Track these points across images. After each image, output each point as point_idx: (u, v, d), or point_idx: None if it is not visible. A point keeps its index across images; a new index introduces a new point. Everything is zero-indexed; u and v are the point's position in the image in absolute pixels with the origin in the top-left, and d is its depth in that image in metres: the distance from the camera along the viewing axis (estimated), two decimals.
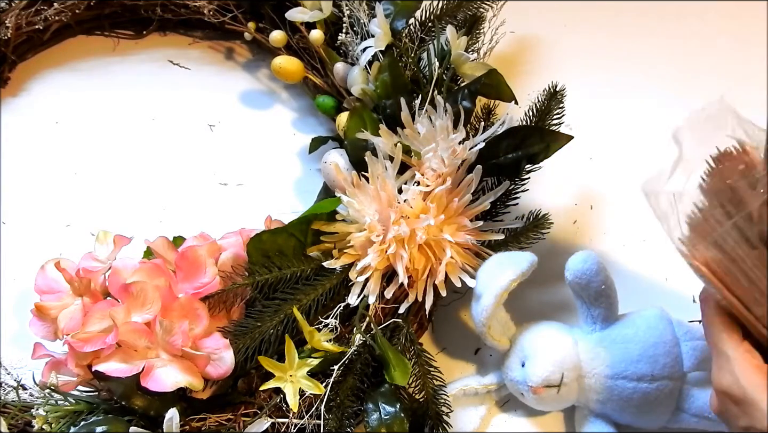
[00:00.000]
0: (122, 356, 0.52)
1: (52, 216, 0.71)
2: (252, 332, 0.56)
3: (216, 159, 0.75)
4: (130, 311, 0.53)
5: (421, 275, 0.59)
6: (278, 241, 0.59)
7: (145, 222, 0.70)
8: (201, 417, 0.55)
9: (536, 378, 0.57)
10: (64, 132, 0.76)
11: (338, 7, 0.71)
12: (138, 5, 0.77)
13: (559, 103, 0.64)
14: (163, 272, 0.55)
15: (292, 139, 0.76)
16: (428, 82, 0.65)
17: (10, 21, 0.72)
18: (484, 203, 0.61)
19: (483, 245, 0.61)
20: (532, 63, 0.82)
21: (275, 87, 0.80)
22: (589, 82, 0.79)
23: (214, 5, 0.75)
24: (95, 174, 0.73)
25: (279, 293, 0.58)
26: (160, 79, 0.79)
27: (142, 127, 0.76)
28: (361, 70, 0.68)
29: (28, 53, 0.79)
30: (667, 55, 0.82)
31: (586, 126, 0.70)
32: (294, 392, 0.54)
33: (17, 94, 0.77)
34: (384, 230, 0.58)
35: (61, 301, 0.56)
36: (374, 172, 0.59)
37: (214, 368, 0.53)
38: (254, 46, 0.81)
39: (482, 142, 0.61)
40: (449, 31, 0.65)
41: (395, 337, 0.59)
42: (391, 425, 0.55)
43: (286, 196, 0.73)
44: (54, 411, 0.53)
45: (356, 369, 0.57)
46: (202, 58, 0.81)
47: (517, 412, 0.62)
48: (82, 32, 0.80)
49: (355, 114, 0.65)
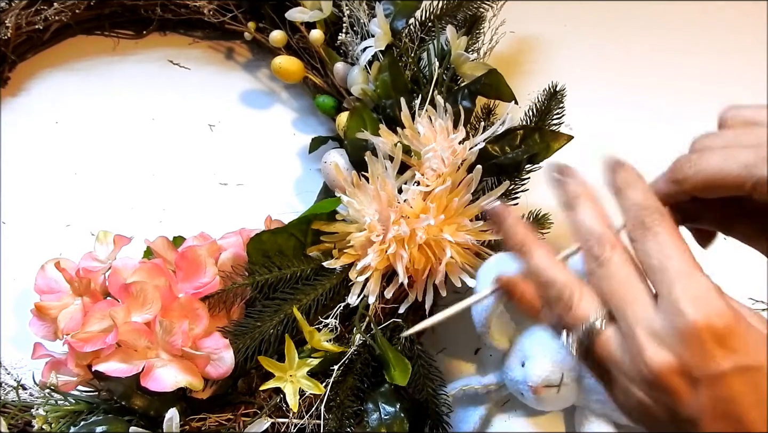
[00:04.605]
0: (122, 356, 0.52)
1: (52, 216, 0.71)
2: (252, 332, 0.56)
3: (216, 159, 0.75)
4: (130, 311, 0.53)
5: (421, 275, 0.59)
6: (278, 241, 0.59)
7: (145, 222, 0.70)
8: (201, 417, 0.55)
9: (536, 378, 0.57)
10: (64, 132, 0.76)
11: (338, 7, 0.71)
12: (138, 5, 0.77)
13: (559, 103, 0.64)
14: (163, 272, 0.55)
15: (292, 139, 0.76)
16: (428, 82, 0.65)
17: (10, 21, 0.72)
18: (484, 203, 0.61)
19: (483, 245, 0.61)
20: (532, 63, 0.82)
21: (275, 87, 0.80)
22: (590, 82, 0.79)
23: (214, 5, 0.75)
24: (95, 174, 0.73)
25: (279, 293, 0.57)
26: (160, 79, 0.79)
27: (142, 127, 0.76)
28: (361, 70, 0.68)
29: (28, 53, 0.79)
30: (667, 55, 0.82)
31: (586, 126, 0.70)
32: (294, 392, 0.54)
33: (17, 94, 0.77)
34: (384, 230, 0.58)
35: (61, 301, 0.56)
36: (374, 172, 0.59)
37: (214, 368, 0.53)
38: (254, 46, 0.81)
39: (482, 142, 0.61)
40: (449, 31, 0.65)
41: (395, 337, 0.59)
42: (391, 425, 0.55)
43: (286, 196, 0.73)
44: (54, 411, 0.53)
45: (356, 369, 0.57)
46: (202, 58, 0.81)
47: (517, 412, 0.62)
48: (82, 32, 0.80)
49: (355, 114, 0.65)
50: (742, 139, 0.35)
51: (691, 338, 0.32)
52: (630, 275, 0.36)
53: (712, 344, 0.32)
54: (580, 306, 0.36)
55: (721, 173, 0.34)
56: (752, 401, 0.32)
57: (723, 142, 0.36)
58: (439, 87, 0.65)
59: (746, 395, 0.32)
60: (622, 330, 0.35)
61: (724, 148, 0.35)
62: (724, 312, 0.32)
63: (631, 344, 0.34)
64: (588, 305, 0.36)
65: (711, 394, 0.32)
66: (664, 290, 0.34)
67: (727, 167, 0.34)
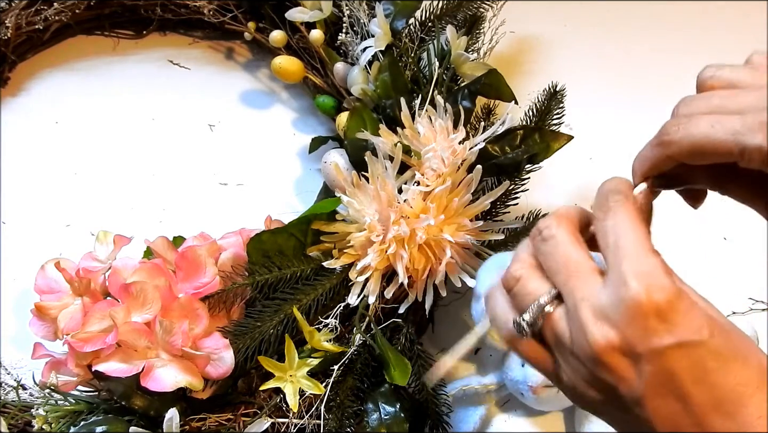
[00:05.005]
0: (122, 356, 0.52)
1: (52, 216, 0.71)
2: (252, 332, 0.56)
3: (216, 159, 0.75)
4: (130, 311, 0.53)
5: (421, 275, 0.59)
6: (278, 241, 0.59)
7: (145, 222, 0.70)
8: (201, 417, 0.55)
9: (536, 378, 0.57)
10: (64, 132, 0.76)
11: (338, 7, 0.71)
12: (138, 5, 0.77)
13: (559, 103, 0.64)
14: (163, 272, 0.54)
15: (292, 139, 0.76)
16: (428, 82, 0.65)
17: (10, 21, 0.72)
18: (484, 203, 0.61)
19: (483, 245, 0.61)
20: (532, 63, 0.82)
21: (275, 87, 0.80)
22: (590, 82, 0.79)
23: (214, 5, 0.75)
24: (95, 174, 0.73)
25: (279, 293, 0.57)
26: (160, 79, 0.79)
27: (142, 127, 0.76)
28: (361, 70, 0.68)
29: (28, 53, 0.79)
30: (667, 55, 0.82)
31: (586, 126, 0.70)
32: (294, 392, 0.54)
33: (17, 94, 0.77)
34: (384, 230, 0.58)
35: (61, 301, 0.56)
36: (374, 172, 0.59)
37: (214, 368, 0.53)
38: (254, 46, 0.81)
39: (482, 142, 0.61)
40: (449, 31, 0.65)
41: (395, 337, 0.59)
42: (391, 425, 0.55)
43: (286, 196, 0.73)
44: (54, 411, 0.53)
45: (356, 369, 0.57)
46: (202, 58, 0.81)
47: (517, 412, 0.62)
48: (82, 32, 0.80)
49: (355, 114, 0.65)
50: (727, 104, 0.35)
51: (634, 312, 0.32)
52: (575, 251, 0.35)
53: (653, 318, 0.31)
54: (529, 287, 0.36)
55: (708, 140, 0.34)
56: (694, 376, 0.31)
57: (708, 107, 0.35)
58: (439, 87, 0.65)
59: (688, 371, 0.31)
60: (568, 308, 0.35)
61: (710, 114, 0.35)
62: (667, 287, 0.32)
63: (576, 321, 0.34)
64: (538, 286, 0.36)
65: (653, 370, 0.32)
66: (614, 267, 0.33)
67: (714, 135, 0.34)
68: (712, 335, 0.31)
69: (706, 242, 0.72)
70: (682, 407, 0.32)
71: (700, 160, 0.35)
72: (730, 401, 0.31)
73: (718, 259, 0.72)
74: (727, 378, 0.31)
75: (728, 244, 0.72)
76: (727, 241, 0.72)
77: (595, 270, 0.35)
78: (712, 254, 0.72)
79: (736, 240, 0.72)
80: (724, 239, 0.47)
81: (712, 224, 0.72)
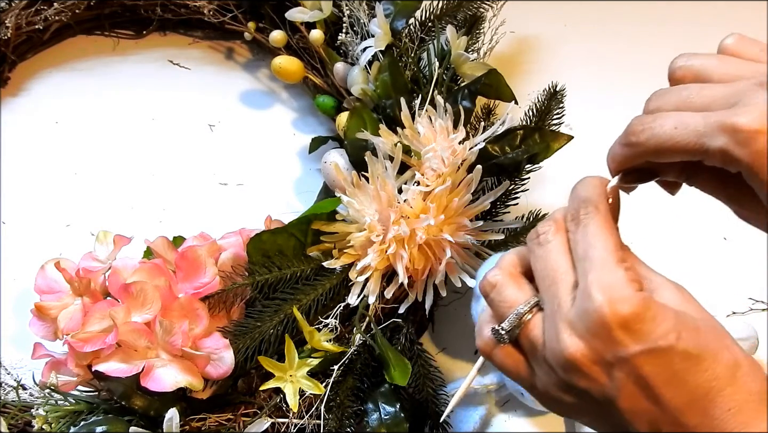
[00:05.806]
0: (122, 356, 0.52)
1: (52, 216, 0.71)
2: (252, 332, 0.56)
3: (216, 159, 0.75)
4: (130, 311, 0.53)
5: (421, 275, 0.59)
6: (278, 241, 0.59)
7: (145, 222, 0.70)
8: (201, 417, 0.55)
9: None
10: (64, 132, 0.76)
11: (338, 7, 0.71)
12: (138, 5, 0.77)
13: (559, 103, 0.64)
14: (163, 272, 0.55)
15: (292, 139, 0.76)
16: (428, 82, 0.65)
17: (10, 21, 0.72)
18: (484, 203, 0.61)
19: (483, 245, 0.61)
20: (532, 63, 0.82)
21: (275, 87, 0.80)
22: (590, 82, 0.79)
23: (214, 5, 0.75)
24: (95, 174, 0.73)
25: (279, 293, 0.57)
26: (160, 79, 0.79)
27: (142, 127, 0.76)
28: (361, 70, 0.68)
29: (28, 53, 0.79)
30: (667, 55, 0.82)
31: (586, 126, 0.70)
32: (294, 392, 0.54)
33: (17, 94, 0.77)
34: (384, 230, 0.58)
35: (61, 301, 0.56)
36: (374, 172, 0.59)
37: (214, 368, 0.53)
38: (254, 46, 0.81)
39: (482, 142, 0.61)
40: (449, 31, 0.65)
41: (395, 337, 0.59)
42: (391, 425, 0.55)
43: (286, 196, 0.73)
44: (54, 411, 0.53)
45: (356, 369, 0.57)
46: (202, 58, 0.81)
47: (517, 412, 0.62)
48: (82, 32, 0.80)
49: (355, 114, 0.65)
50: (693, 100, 0.35)
51: (598, 324, 0.33)
52: (564, 261, 0.36)
53: (618, 330, 0.32)
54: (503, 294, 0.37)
55: (672, 142, 0.34)
56: (664, 378, 0.32)
57: (674, 104, 0.36)
58: (439, 87, 0.65)
59: (658, 375, 0.32)
60: (546, 313, 0.36)
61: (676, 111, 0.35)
62: (630, 299, 0.32)
63: (551, 327, 0.35)
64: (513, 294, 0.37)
65: (623, 376, 0.33)
66: (582, 279, 0.34)
67: (678, 136, 0.34)
68: (679, 337, 0.32)
69: (706, 242, 0.72)
70: (656, 408, 0.33)
71: (666, 159, 0.35)
72: (701, 398, 0.32)
73: (718, 259, 0.72)
74: (697, 376, 0.32)
75: (728, 244, 0.72)
76: (727, 241, 0.72)
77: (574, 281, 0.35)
78: (712, 254, 0.72)
79: (736, 240, 0.72)
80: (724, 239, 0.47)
81: (712, 224, 0.72)
